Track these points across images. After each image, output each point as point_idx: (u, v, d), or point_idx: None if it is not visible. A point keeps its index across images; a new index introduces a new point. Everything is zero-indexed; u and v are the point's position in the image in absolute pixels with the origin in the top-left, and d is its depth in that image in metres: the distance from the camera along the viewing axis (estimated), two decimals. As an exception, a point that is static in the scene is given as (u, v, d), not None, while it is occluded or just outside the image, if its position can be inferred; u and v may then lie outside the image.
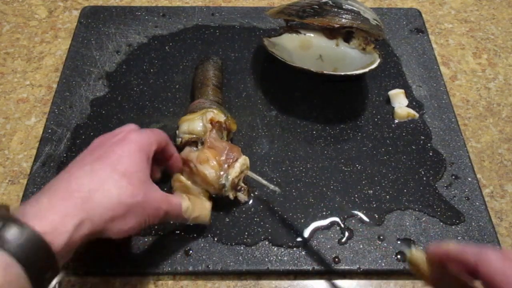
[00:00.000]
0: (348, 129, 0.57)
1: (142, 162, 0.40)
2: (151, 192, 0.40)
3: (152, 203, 0.39)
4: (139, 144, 0.41)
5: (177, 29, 0.66)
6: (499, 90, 0.63)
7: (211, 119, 0.49)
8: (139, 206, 0.38)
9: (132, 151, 0.40)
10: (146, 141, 0.41)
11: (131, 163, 0.39)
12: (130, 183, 0.38)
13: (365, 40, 0.58)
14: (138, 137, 0.41)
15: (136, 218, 0.38)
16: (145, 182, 0.39)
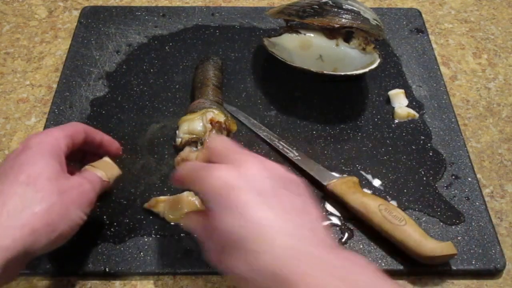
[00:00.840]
0: (348, 129, 0.56)
1: (47, 161, 0.38)
2: (65, 184, 0.38)
3: (71, 193, 0.38)
4: (40, 146, 0.39)
5: (177, 29, 0.66)
6: (499, 90, 0.63)
7: (211, 119, 0.49)
8: (58, 205, 0.37)
9: (32, 155, 0.38)
10: (48, 140, 0.40)
11: (34, 168, 0.37)
12: (37, 189, 0.36)
13: (365, 40, 0.58)
14: (38, 139, 0.40)
15: (64, 215, 0.37)
16: (55, 179, 0.38)
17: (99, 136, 0.46)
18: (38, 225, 0.35)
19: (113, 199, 0.49)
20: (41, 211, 0.36)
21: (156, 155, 0.53)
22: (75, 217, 0.38)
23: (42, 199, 0.36)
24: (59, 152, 0.40)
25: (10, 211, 0.35)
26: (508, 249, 0.48)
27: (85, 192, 0.40)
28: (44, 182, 0.37)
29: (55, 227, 0.36)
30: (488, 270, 0.46)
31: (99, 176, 0.43)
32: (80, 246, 0.46)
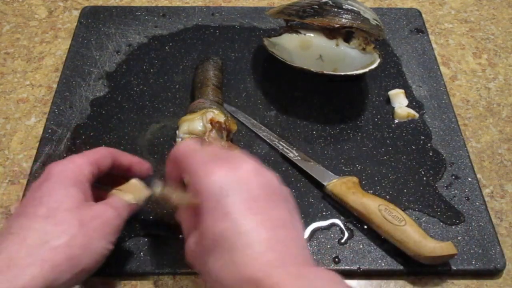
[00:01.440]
0: (348, 129, 0.56)
1: (67, 191, 0.37)
2: (87, 214, 0.37)
3: (94, 223, 0.37)
4: (61, 174, 0.38)
5: (177, 29, 0.66)
6: (499, 90, 0.63)
7: (211, 119, 0.49)
8: (80, 237, 0.35)
9: (52, 186, 0.37)
10: (70, 167, 0.39)
11: (53, 199, 0.36)
12: (56, 222, 0.35)
13: (365, 40, 0.58)
14: (59, 167, 0.38)
15: (87, 247, 0.35)
16: (76, 209, 0.36)
17: (127, 159, 0.44)
18: (59, 260, 0.34)
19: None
20: (61, 245, 0.34)
21: (156, 155, 0.53)
22: (99, 248, 0.37)
23: (62, 232, 0.35)
24: (82, 179, 0.38)
25: (29, 247, 0.33)
26: (508, 249, 0.48)
27: (109, 220, 0.38)
28: (64, 214, 0.36)
29: (78, 261, 0.35)
30: (488, 270, 0.46)
31: (126, 200, 0.41)
32: (80, 246, 0.46)
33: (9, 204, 0.50)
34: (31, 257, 0.33)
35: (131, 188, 0.43)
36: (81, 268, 0.35)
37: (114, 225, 0.38)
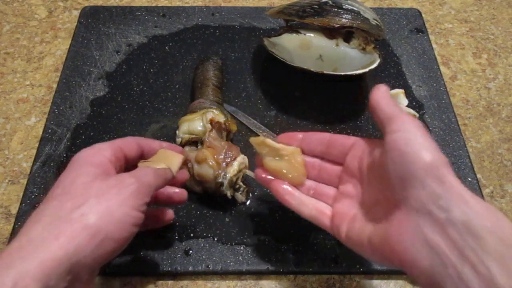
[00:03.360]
0: (348, 129, 0.56)
1: (83, 169, 0.37)
2: (102, 185, 0.36)
3: (111, 192, 0.36)
4: (79, 158, 0.38)
5: (177, 29, 0.66)
6: (499, 90, 0.63)
7: (211, 120, 0.49)
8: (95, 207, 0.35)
9: (69, 170, 0.37)
10: (89, 152, 0.39)
11: (68, 179, 0.36)
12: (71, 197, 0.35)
13: (365, 40, 0.58)
14: (79, 154, 0.39)
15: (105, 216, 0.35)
16: (91, 182, 0.36)
17: (156, 144, 0.44)
18: (76, 230, 0.33)
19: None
20: (76, 216, 0.34)
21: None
22: (120, 214, 0.35)
23: (77, 204, 0.35)
24: (102, 160, 0.38)
25: (45, 224, 0.33)
26: (508, 249, 0.48)
27: (128, 187, 0.37)
28: (78, 188, 0.36)
29: (96, 229, 0.34)
30: (488, 270, 0.46)
31: (151, 168, 0.40)
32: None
33: (9, 204, 0.50)
34: (45, 232, 0.33)
35: (160, 158, 0.43)
36: (103, 236, 0.34)
37: (135, 192, 0.37)
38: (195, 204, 0.49)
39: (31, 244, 0.32)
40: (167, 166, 0.41)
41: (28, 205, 0.49)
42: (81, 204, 0.35)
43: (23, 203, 0.49)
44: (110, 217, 0.35)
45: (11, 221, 0.49)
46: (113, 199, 0.36)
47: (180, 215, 0.49)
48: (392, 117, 0.36)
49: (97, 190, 0.36)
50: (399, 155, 0.33)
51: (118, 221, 0.35)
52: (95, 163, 0.38)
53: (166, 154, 0.43)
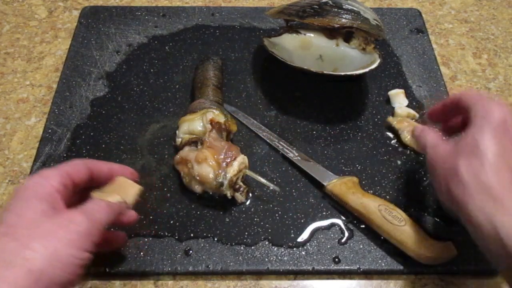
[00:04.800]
0: (348, 129, 0.56)
1: (28, 205, 0.35)
2: (49, 225, 0.34)
3: (58, 233, 0.34)
4: (26, 190, 0.36)
5: (177, 29, 0.66)
6: (499, 90, 0.63)
7: (211, 120, 0.49)
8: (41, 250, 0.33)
9: (14, 203, 0.35)
10: (36, 181, 0.37)
11: (12, 215, 0.34)
12: (15, 238, 0.33)
13: (365, 40, 0.58)
14: (26, 183, 0.37)
15: (52, 260, 0.33)
16: (37, 221, 0.34)
17: (106, 166, 0.42)
18: (18, 277, 0.31)
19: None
20: (20, 260, 0.32)
21: (156, 155, 0.53)
22: (68, 257, 0.33)
23: (20, 247, 0.32)
24: (49, 191, 0.36)
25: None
26: (508, 249, 0.48)
27: (77, 227, 0.35)
28: (23, 226, 0.34)
29: (40, 274, 0.32)
30: (488, 270, 0.46)
31: (105, 203, 0.38)
32: (80, 246, 0.46)
33: (9, 204, 0.50)
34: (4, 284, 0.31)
35: (117, 187, 0.41)
36: (47, 281, 0.32)
37: (84, 232, 0.35)
38: (195, 204, 0.49)
39: None
40: (122, 199, 0.39)
41: (28, 205, 0.49)
42: (25, 247, 0.33)
43: (23, 203, 0.49)
44: (56, 261, 0.33)
45: None
46: (61, 242, 0.34)
47: (180, 215, 0.49)
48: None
49: (43, 231, 0.34)
50: None
51: (64, 264, 0.33)
52: (42, 195, 0.36)
53: (123, 183, 0.41)
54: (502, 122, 0.39)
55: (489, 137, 0.38)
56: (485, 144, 0.38)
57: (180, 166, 0.49)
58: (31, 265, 0.32)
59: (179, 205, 0.49)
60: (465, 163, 0.38)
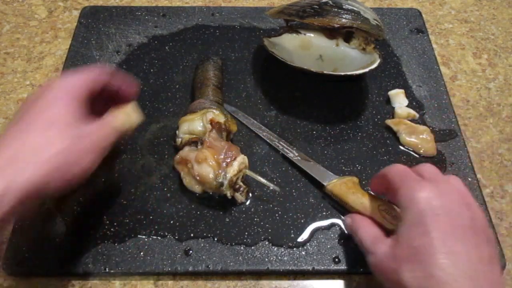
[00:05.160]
0: (348, 129, 0.56)
1: (66, 104, 0.39)
2: (83, 129, 0.39)
3: (88, 139, 0.38)
4: (60, 89, 0.39)
5: (177, 29, 0.66)
6: (499, 90, 0.63)
7: (211, 120, 0.49)
8: (74, 150, 0.37)
9: (52, 99, 0.39)
10: (71, 82, 0.40)
11: (53, 112, 0.38)
12: (55, 133, 0.37)
13: (365, 40, 0.58)
14: (60, 82, 0.40)
15: (78, 160, 0.38)
16: (74, 122, 0.38)
17: (117, 81, 0.45)
18: (53, 166, 0.36)
19: (113, 199, 0.49)
20: (57, 153, 0.36)
21: (156, 155, 0.53)
22: (86, 163, 0.38)
23: (60, 142, 0.37)
24: (81, 94, 0.40)
25: (30, 149, 0.36)
26: (508, 249, 0.48)
27: (101, 138, 0.40)
28: (62, 127, 0.38)
29: (68, 170, 0.37)
30: (488, 270, 0.46)
31: (119, 121, 0.42)
32: (80, 246, 0.46)
33: None
34: (32, 157, 0.36)
35: (125, 112, 0.44)
36: (69, 177, 0.37)
37: (104, 144, 0.40)
38: (195, 204, 0.49)
39: (16, 165, 0.35)
40: (130, 123, 0.44)
41: (28, 205, 0.49)
42: (63, 144, 0.37)
43: (23, 203, 0.49)
44: (81, 163, 0.38)
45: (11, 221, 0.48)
46: (85, 150, 0.38)
47: (180, 215, 0.49)
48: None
49: (78, 133, 0.38)
50: None
51: (83, 168, 0.38)
52: (75, 97, 0.39)
53: (131, 111, 0.44)
54: (428, 209, 0.36)
55: (420, 235, 0.36)
56: (418, 245, 0.35)
57: (180, 166, 0.49)
58: (63, 160, 0.37)
59: (179, 205, 0.49)
60: (408, 273, 0.35)
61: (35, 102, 0.39)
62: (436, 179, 0.40)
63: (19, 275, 0.45)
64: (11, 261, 0.45)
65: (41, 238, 0.46)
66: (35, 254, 0.45)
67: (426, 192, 0.37)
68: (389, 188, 0.41)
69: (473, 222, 0.37)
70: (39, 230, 0.47)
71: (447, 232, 0.36)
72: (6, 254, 0.46)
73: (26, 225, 0.47)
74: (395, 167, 0.42)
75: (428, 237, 0.35)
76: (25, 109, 0.39)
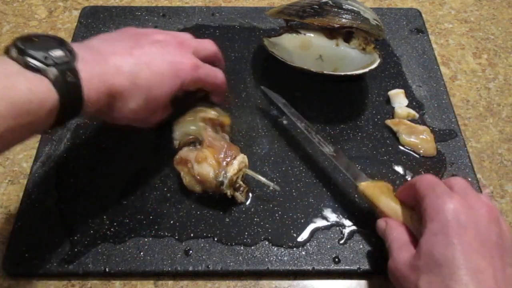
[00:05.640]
0: (348, 129, 0.56)
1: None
2: (185, 57, 0.46)
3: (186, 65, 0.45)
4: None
5: (177, 29, 0.66)
6: (499, 90, 0.63)
7: (203, 118, 0.49)
8: (168, 71, 0.44)
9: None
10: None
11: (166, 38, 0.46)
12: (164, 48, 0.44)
13: (365, 40, 0.58)
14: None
15: (165, 82, 0.44)
16: (180, 49, 0.46)
17: (216, 81, 0.50)
18: (144, 76, 0.42)
19: (113, 199, 0.49)
20: (156, 66, 0.43)
21: (156, 155, 0.53)
22: (170, 87, 0.44)
23: (166, 53, 0.44)
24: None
25: (153, 67, 0.43)
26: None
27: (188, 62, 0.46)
28: (172, 46, 0.45)
29: (154, 88, 0.43)
30: (488, 270, 0.46)
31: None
32: (80, 246, 0.46)
33: (9, 204, 0.50)
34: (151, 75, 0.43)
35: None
36: (153, 96, 0.43)
37: (188, 81, 0.46)
38: (195, 204, 0.49)
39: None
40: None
41: (28, 205, 0.49)
42: (164, 61, 0.44)
43: (23, 203, 0.49)
44: (165, 86, 0.44)
45: (11, 221, 0.48)
46: (177, 76, 0.45)
47: (180, 215, 0.49)
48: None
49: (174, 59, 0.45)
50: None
51: (166, 92, 0.45)
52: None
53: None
54: (455, 221, 0.35)
55: (443, 247, 0.35)
56: (440, 257, 0.34)
57: (180, 166, 0.49)
58: (155, 76, 0.43)
59: (179, 205, 0.49)
60: (426, 285, 0.34)
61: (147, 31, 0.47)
62: (466, 192, 0.39)
63: (19, 275, 0.45)
64: (11, 261, 0.45)
65: (41, 238, 0.46)
66: (35, 254, 0.45)
67: (454, 203, 0.36)
68: (416, 197, 0.40)
69: (501, 241, 0.36)
70: (39, 230, 0.47)
71: (473, 247, 0.34)
72: (6, 254, 0.46)
73: (26, 225, 0.47)
74: (424, 176, 0.41)
75: (451, 250, 0.34)
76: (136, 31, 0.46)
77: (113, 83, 0.40)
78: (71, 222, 0.48)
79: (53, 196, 0.49)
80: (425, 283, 0.34)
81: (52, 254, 0.45)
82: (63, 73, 0.36)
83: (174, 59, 0.45)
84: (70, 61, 0.37)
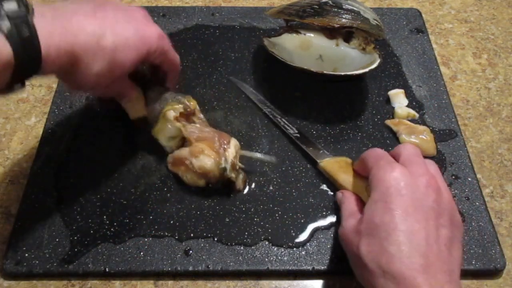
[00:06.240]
0: (348, 129, 0.56)
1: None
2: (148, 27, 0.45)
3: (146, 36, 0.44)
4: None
5: (177, 29, 0.66)
6: (499, 90, 0.63)
7: (175, 117, 0.49)
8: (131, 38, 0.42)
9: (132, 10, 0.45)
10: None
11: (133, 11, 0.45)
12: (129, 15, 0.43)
13: (365, 40, 0.58)
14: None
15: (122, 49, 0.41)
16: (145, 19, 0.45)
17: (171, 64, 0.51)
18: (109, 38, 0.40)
19: (113, 199, 0.49)
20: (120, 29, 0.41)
21: (156, 155, 0.53)
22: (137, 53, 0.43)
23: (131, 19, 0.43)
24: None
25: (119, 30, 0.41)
26: (508, 249, 0.48)
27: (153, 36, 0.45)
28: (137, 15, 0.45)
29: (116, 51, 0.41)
30: (488, 270, 0.46)
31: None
32: (80, 246, 0.46)
33: (9, 204, 0.50)
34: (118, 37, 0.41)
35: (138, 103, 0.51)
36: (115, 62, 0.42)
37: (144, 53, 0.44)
38: (195, 204, 0.49)
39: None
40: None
41: (28, 205, 0.49)
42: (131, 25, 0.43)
43: (23, 203, 0.49)
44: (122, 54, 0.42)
45: (11, 221, 0.49)
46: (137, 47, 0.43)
47: (180, 215, 0.49)
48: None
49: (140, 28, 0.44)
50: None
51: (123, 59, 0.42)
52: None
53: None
54: (393, 189, 0.38)
55: (381, 212, 0.38)
56: (378, 221, 0.37)
57: (176, 167, 0.49)
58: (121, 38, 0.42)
59: (179, 205, 0.49)
60: (366, 247, 0.38)
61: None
62: (411, 161, 0.41)
63: (19, 275, 0.45)
64: (11, 261, 0.45)
65: (41, 238, 0.46)
66: (35, 254, 0.45)
67: (396, 173, 0.39)
68: (366, 169, 0.43)
69: (438, 205, 0.38)
70: (39, 230, 0.47)
71: (409, 212, 0.37)
72: (6, 254, 0.46)
73: (26, 225, 0.47)
74: (372, 149, 0.45)
75: (389, 215, 0.37)
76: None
77: (76, 42, 0.38)
78: (71, 222, 0.48)
79: (53, 196, 0.49)
80: (365, 244, 0.38)
81: (52, 254, 0.45)
82: (17, 27, 0.34)
83: (139, 26, 0.44)
84: (26, 15, 0.35)
